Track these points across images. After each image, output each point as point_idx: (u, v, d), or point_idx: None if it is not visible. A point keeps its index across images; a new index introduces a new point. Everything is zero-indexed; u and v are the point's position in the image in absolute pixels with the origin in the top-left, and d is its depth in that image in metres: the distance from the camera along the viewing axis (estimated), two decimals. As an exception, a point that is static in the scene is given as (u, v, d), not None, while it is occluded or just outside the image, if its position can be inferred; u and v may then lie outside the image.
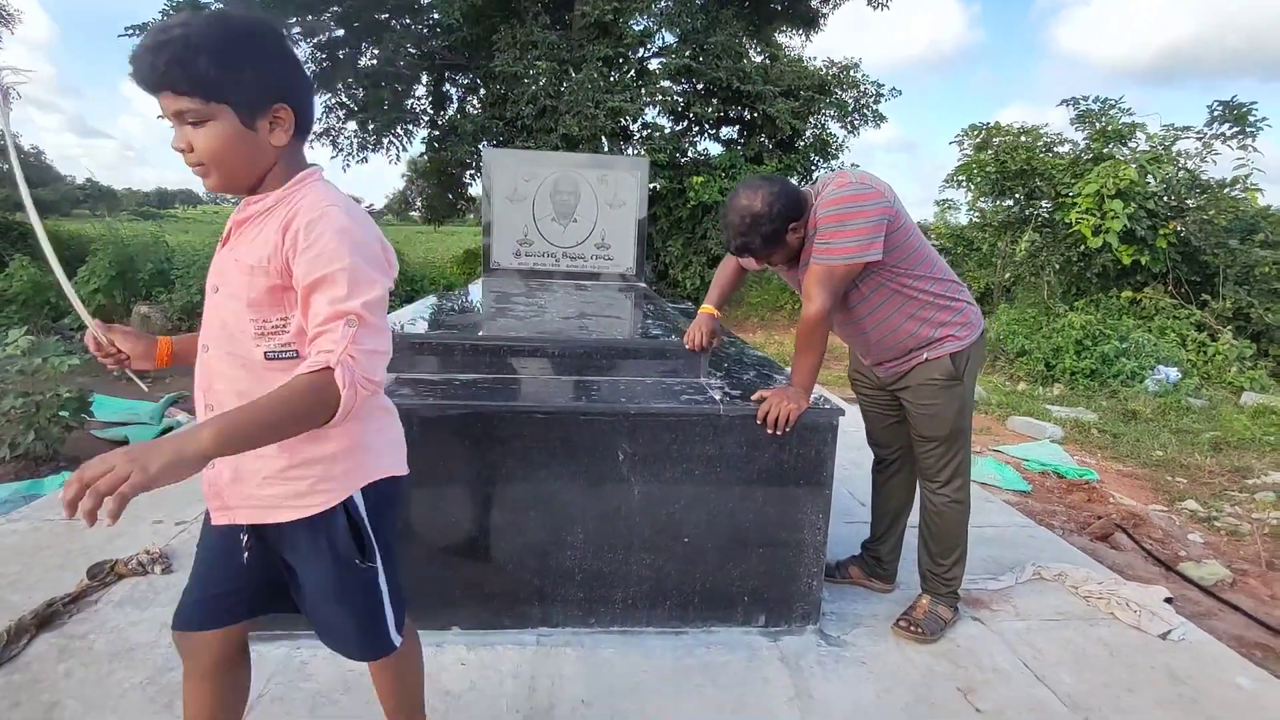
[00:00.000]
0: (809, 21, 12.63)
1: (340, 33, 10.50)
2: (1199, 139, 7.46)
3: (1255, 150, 7.15)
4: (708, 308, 2.34)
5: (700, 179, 10.21)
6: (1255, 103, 7.03)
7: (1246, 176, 7.20)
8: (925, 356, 2.02)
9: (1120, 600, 2.36)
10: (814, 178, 11.61)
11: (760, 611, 2.11)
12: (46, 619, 2.01)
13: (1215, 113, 7.28)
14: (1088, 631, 2.24)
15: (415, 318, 2.74)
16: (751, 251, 1.97)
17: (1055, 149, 8.36)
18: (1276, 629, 2.53)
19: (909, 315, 1.99)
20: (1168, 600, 2.42)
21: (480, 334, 2.35)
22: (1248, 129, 7.12)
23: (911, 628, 2.12)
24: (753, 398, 2.00)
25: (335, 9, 10.06)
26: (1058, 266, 7.90)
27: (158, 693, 1.76)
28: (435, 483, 1.93)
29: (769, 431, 1.95)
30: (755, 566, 2.08)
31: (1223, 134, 7.28)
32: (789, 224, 1.92)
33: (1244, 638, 2.48)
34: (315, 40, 10.45)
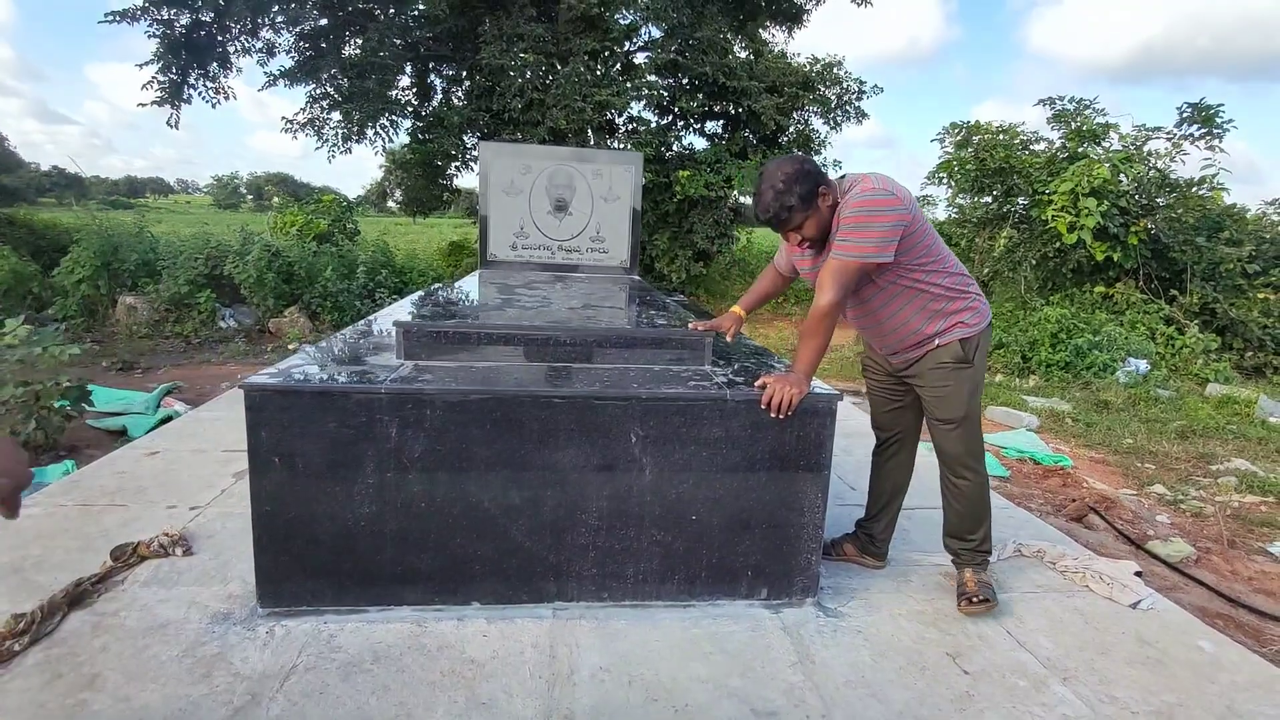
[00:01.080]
0: (792, 17, 12.73)
1: (324, 22, 10.39)
2: (1169, 139, 7.73)
3: (1222, 151, 7.44)
4: (736, 308, 2.53)
5: (686, 173, 10.31)
6: (1222, 104, 7.31)
7: (1213, 176, 7.49)
8: (936, 343, 2.16)
9: (1094, 574, 2.53)
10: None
11: (763, 585, 2.24)
12: (77, 597, 2.08)
13: (1184, 114, 7.55)
14: (1064, 602, 2.40)
15: (423, 309, 2.83)
16: (789, 212, 2.02)
17: (1031, 147, 8.60)
18: (1236, 600, 2.73)
19: (920, 308, 2.14)
20: (1137, 574, 2.59)
21: (494, 323, 2.44)
22: (1215, 130, 7.39)
23: (975, 601, 2.23)
24: (756, 384, 2.12)
25: (319, -3, 9.99)
26: (1034, 262, 8.14)
27: (194, 664, 1.85)
28: (456, 464, 2.03)
29: (772, 415, 2.08)
30: (758, 543, 2.21)
31: (1191, 135, 7.55)
32: (819, 186, 2.02)
33: (1207, 608, 2.67)
34: (298, 29, 10.36)
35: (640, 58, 11.53)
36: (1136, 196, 7.65)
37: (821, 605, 2.28)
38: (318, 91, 10.63)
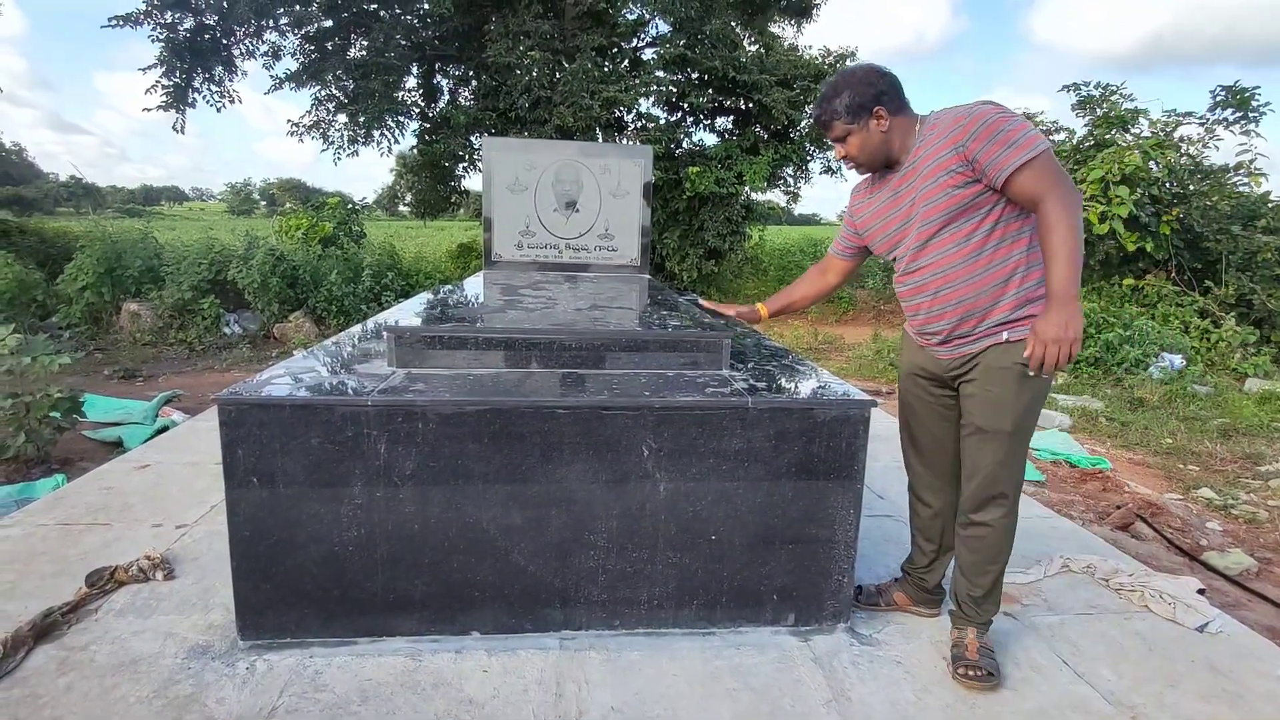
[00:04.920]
0: (802, 11, 12.49)
1: (329, 23, 10.29)
2: (1202, 124, 7.42)
3: (1258, 135, 7.12)
4: (761, 305, 2.33)
5: (696, 169, 10.11)
6: (1258, 87, 6.99)
7: (1251, 162, 7.16)
8: (1006, 336, 1.74)
9: (1153, 592, 2.31)
10: (808, 168, 11.54)
11: (789, 610, 2.04)
12: (45, 630, 1.92)
13: (1218, 98, 7.23)
14: (1123, 625, 2.18)
15: (421, 311, 2.65)
16: (831, 117, 1.81)
17: (1051, 136, 8.31)
18: (1308, 619, 2.49)
19: (1015, 270, 1.73)
20: (1200, 591, 2.37)
21: (494, 327, 2.26)
22: (1250, 114, 7.08)
23: (973, 674, 1.83)
24: (1025, 354, 1.63)
25: (323, -1, 9.88)
26: (1059, 254, 7.84)
27: (165, 706, 1.67)
28: (451, 481, 1.85)
29: (1045, 375, 1.66)
30: (784, 564, 2.01)
31: (1225, 119, 7.23)
32: (877, 104, 1.77)
33: (1276, 628, 2.43)
34: (303, 32, 10.25)
35: (648, 53, 11.34)
36: (1168, 184, 7.35)
37: (855, 632, 2.07)
38: (323, 94, 10.54)
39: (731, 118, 11.66)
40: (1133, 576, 2.42)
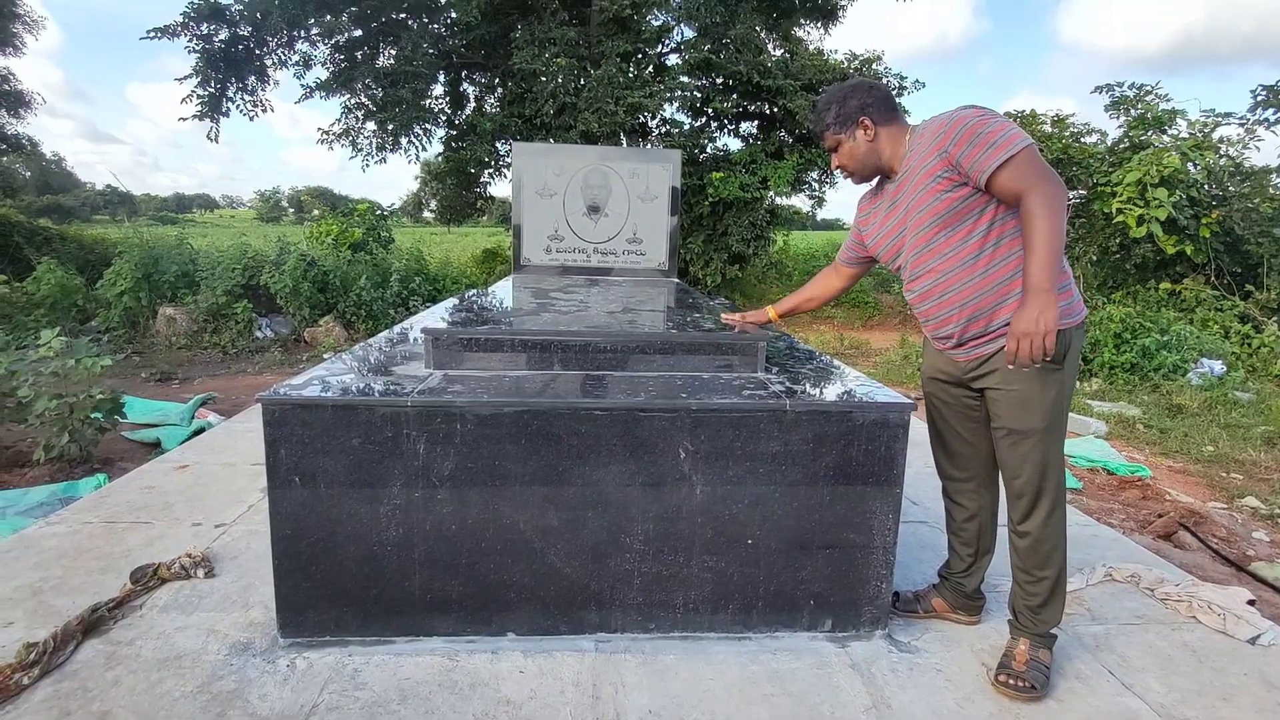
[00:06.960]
0: (828, 14, 12.42)
1: (358, 33, 10.46)
2: (1242, 125, 7.24)
3: (1301, 136, 6.93)
4: (770, 309, 2.33)
5: (720, 175, 10.09)
6: (1301, 86, 6.80)
7: (1292, 163, 6.97)
8: None
9: (1201, 603, 2.24)
10: (833, 173, 11.46)
11: (826, 616, 2.02)
12: (92, 625, 1.96)
13: (1259, 97, 7.05)
14: (1170, 636, 2.12)
15: (454, 315, 2.67)
16: (823, 128, 1.91)
17: (1083, 139, 8.17)
18: (1365, 633, 2.40)
19: (1018, 265, 1.71)
20: (1250, 602, 2.30)
21: (529, 329, 2.27)
22: (1293, 114, 6.90)
23: (1014, 683, 1.80)
24: (1004, 350, 1.65)
25: (352, 9, 10.04)
26: (1094, 258, 7.69)
27: (209, 702, 1.70)
28: (488, 482, 1.86)
29: (1025, 366, 1.61)
30: (822, 569, 1.98)
31: (1266, 120, 7.05)
32: (864, 114, 1.84)
33: (1332, 642, 2.34)
34: (333, 41, 10.43)
35: (673, 59, 11.35)
36: (1207, 186, 7.17)
37: (893, 639, 2.04)
38: (352, 102, 10.70)
39: (756, 122, 11.63)
40: (1179, 586, 2.36)
